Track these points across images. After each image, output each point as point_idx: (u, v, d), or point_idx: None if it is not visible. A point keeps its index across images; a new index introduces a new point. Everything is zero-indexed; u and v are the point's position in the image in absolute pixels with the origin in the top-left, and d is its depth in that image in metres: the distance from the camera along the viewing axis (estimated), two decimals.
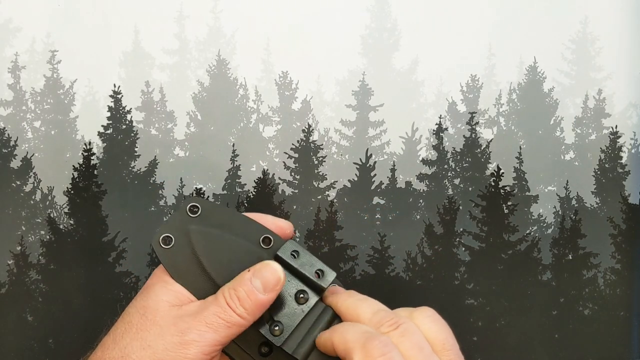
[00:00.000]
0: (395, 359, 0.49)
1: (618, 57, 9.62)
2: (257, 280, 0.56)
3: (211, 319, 0.54)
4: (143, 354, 0.53)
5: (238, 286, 0.56)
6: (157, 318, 0.54)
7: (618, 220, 12.28)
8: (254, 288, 0.55)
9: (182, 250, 0.59)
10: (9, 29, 15.64)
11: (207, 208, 0.61)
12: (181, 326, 0.54)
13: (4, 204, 9.49)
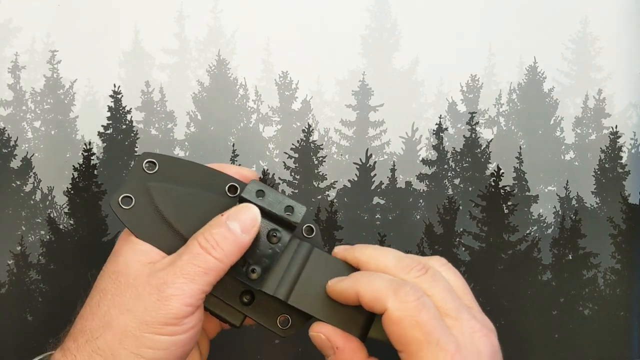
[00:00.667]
0: (427, 302, 0.48)
1: (618, 57, 9.74)
2: (234, 222, 0.54)
3: (187, 269, 0.51)
4: (124, 319, 0.50)
5: (213, 229, 0.53)
6: (130, 280, 0.52)
7: (618, 220, 12.32)
8: (232, 229, 0.53)
9: (144, 208, 0.56)
10: (9, 29, 15.69)
11: (165, 162, 0.58)
12: (156, 283, 0.51)
13: (4, 204, 9.50)
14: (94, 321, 0.51)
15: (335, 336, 0.53)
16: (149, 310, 0.50)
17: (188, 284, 0.50)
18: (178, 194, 0.56)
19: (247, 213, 0.54)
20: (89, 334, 0.51)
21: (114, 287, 0.51)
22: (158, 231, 0.55)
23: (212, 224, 0.53)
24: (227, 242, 0.52)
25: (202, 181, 0.57)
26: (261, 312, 0.57)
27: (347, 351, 0.53)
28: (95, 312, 0.51)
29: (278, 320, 0.57)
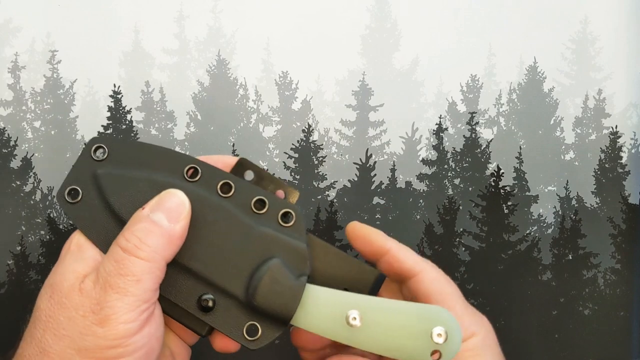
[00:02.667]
0: None
1: (618, 57, 9.59)
2: (156, 212, 0.47)
3: (114, 281, 0.44)
4: (60, 345, 0.44)
5: (133, 226, 0.46)
6: (63, 299, 0.45)
7: (618, 220, 12.33)
8: (155, 221, 0.46)
9: (91, 201, 0.49)
10: (9, 29, 15.60)
11: (116, 147, 0.50)
12: (89, 303, 0.44)
13: (4, 204, 9.52)
14: (30, 346, 0.45)
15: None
16: (86, 335, 0.44)
17: (121, 299, 0.44)
18: (130, 183, 0.49)
19: (171, 199, 0.47)
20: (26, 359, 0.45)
21: (48, 306, 0.45)
22: (107, 228, 0.48)
23: (131, 220, 0.46)
24: (154, 237, 0.45)
25: (158, 165, 0.50)
26: (223, 319, 0.47)
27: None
28: (32, 336, 0.45)
29: (244, 329, 0.47)
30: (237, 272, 0.47)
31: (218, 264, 0.47)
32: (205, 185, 0.49)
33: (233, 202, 0.49)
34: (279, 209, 0.49)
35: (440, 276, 0.54)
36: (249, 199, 0.49)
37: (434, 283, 0.53)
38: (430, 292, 0.53)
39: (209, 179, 0.49)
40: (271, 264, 0.47)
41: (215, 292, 0.47)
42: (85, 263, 0.47)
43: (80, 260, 0.47)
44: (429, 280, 0.53)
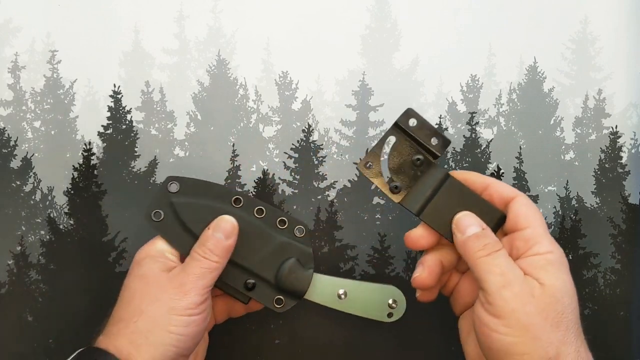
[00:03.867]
0: None
1: (618, 57, 9.63)
2: (218, 232, 0.71)
3: (196, 271, 0.69)
4: (154, 307, 0.66)
5: (205, 242, 0.71)
6: (155, 281, 0.67)
7: (618, 220, 12.30)
8: (218, 238, 0.71)
9: (170, 220, 0.73)
10: (9, 29, 15.56)
11: (185, 183, 0.76)
12: (176, 283, 0.67)
13: (4, 204, 9.46)
14: (128, 311, 0.66)
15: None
16: (174, 300, 0.66)
17: (199, 280, 0.68)
18: (196, 207, 0.74)
19: (226, 224, 0.72)
20: (126, 321, 0.65)
21: (142, 286, 0.67)
22: (182, 239, 0.73)
23: (202, 238, 0.71)
24: (217, 250, 0.70)
25: (214, 196, 0.75)
26: (261, 295, 0.75)
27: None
28: (129, 305, 0.67)
29: (274, 300, 0.75)
30: (269, 266, 0.74)
31: (257, 261, 0.74)
32: (246, 210, 0.74)
33: (264, 221, 0.75)
34: (294, 225, 0.76)
35: (529, 203, 0.67)
36: (275, 219, 0.75)
37: (524, 207, 0.66)
38: (520, 215, 0.65)
39: (248, 206, 0.74)
40: (290, 261, 0.75)
41: (255, 278, 0.75)
42: (163, 264, 0.70)
43: (159, 263, 0.70)
44: (520, 204, 0.66)
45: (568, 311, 0.61)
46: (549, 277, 0.62)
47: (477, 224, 0.66)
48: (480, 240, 0.64)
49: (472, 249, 0.64)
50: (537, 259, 0.63)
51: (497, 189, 0.68)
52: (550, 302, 0.61)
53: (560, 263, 0.63)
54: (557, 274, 0.62)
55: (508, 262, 0.63)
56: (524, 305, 0.60)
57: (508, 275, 0.61)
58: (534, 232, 0.65)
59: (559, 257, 0.64)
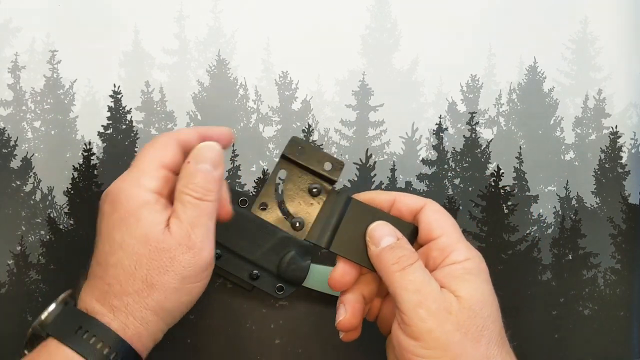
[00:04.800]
0: None
1: (618, 57, 9.60)
2: (203, 163, 0.60)
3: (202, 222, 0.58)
4: (166, 278, 0.58)
5: (195, 179, 0.59)
6: (161, 245, 0.58)
7: (618, 220, 12.31)
8: (204, 170, 0.60)
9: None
10: (9, 29, 15.55)
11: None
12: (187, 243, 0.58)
13: (4, 204, 9.46)
14: (135, 283, 0.57)
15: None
16: (186, 267, 0.58)
17: (208, 234, 0.59)
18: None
19: (209, 150, 0.61)
20: (135, 295, 0.57)
21: (147, 252, 0.57)
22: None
23: (186, 174, 0.60)
24: (212, 183, 0.59)
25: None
26: (264, 283, 0.80)
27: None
28: (134, 276, 0.57)
29: (276, 288, 0.80)
30: (271, 258, 0.80)
31: (261, 254, 0.80)
32: (250, 207, 0.71)
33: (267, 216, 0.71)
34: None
35: (439, 209, 0.63)
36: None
37: (434, 215, 0.62)
38: (432, 223, 0.62)
39: (252, 204, 0.69)
40: (290, 253, 0.81)
41: (259, 269, 0.81)
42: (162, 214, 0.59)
43: (158, 214, 0.58)
44: (429, 211, 0.63)
45: (489, 323, 0.58)
46: (467, 289, 0.58)
47: (392, 234, 0.61)
48: (395, 252, 0.60)
49: (387, 263, 0.60)
50: (454, 268, 0.59)
51: (404, 202, 0.64)
52: (469, 317, 0.57)
53: (479, 270, 0.60)
54: (475, 284, 0.59)
55: (424, 276, 0.59)
56: (442, 323, 0.56)
57: (423, 291, 0.57)
58: (449, 240, 0.61)
59: (477, 264, 0.60)
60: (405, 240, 0.61)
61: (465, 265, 0.59)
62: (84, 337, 0.55)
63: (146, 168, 0.60)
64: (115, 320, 0.57)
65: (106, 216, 0.60)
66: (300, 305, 0.83)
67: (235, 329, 0.90)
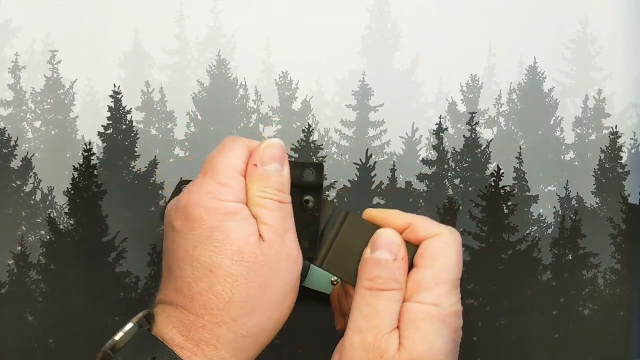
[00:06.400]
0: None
1: (618, 57, 9.67)
2: (273, 163, 0.54)
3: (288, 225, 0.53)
4: (267, 297, 0.51)
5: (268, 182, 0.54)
6: (259, 258, 0.51)
7: (618, 220, 12.21)
8: (277, 170, 0.54)
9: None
10: (9, 29, 15.58)
11: None
12: (285, 251, 0.52)
13: (4, 204, 9.47)
14: (232, 311, 0.49)
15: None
16: (289, 278, 0.52)
17: (295, 238, 0.53)
18: None
19: (275, 149, 0.54)
20: (232, 324, 0.50)
21: (244, 270, 0.50)
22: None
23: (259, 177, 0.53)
24: (285, 183, 0.54)
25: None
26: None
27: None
28: (232, 302, 0.50)
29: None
30: None
31: None
32: None
33: None
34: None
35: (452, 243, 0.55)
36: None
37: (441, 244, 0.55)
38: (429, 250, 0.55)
39: None
40: None
41: None
42: (252, 225, 0.52)
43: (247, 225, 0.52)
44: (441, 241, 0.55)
45: None
46: (415, 338, 0.51)
47: (393, 250, 0.54)
48: (378, 270, 0.54)
49: (363, 274, 0.54)
50: (416, 307, 0.52)
51: (421, 226, 0.56)
52: None
53: (441, 321, 0.52)
54: (428, 335, 0.51)
55: (388, 307, 0.53)
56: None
57: (372, 322, 0.51)
58: (431, 275, 0.53)
59: (442, 314, 0.52)
60: (401, 265, 0.54)
61: (428, 309, 0.52)
62: None
63: (222, 176, 0.53)
64: (199, 355, 0.49)
65: (181, 234, 0.52)
66: (300, 305, 0.83)
67: None
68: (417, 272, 0.54)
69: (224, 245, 0.50)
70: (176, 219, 0.52)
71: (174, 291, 0.51)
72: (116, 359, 0.49)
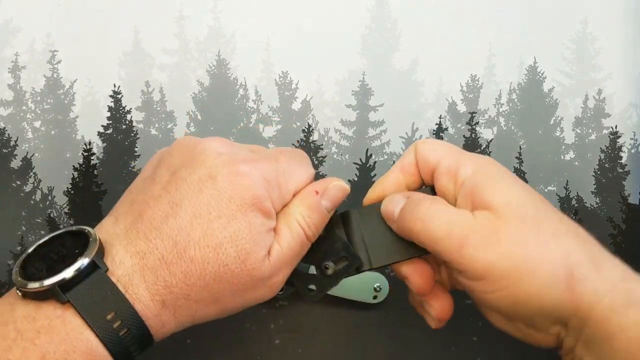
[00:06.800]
0: None
1: (618, 57, 9.65)
2: (328, 202, 0.53)
3: (291, 260, 0.51)
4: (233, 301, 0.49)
5: (314, 213, 0.52)
6: (254, 271, 0.48)
7: (618, 220, 12.29)
8: (326, 210, 0.53)
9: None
10: (9, 29, 15.55)
11: None
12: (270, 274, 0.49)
13: (4, 204, 9.47)
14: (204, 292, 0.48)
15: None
16: (259, 297, 0.51)
17: (290, 269, 0.52)
18: None
19: (340, 193, 0.54)
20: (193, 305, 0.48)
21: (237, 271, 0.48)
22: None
23: (309, 204, 0.52)
24: (321, 222, 0.53)
25: None
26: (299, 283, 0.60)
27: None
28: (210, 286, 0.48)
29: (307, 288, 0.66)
30: None
31: None
32: None
33: None
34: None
35: (429, 141, 0.55)
36: None
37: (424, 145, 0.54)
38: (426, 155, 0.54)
39: None
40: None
41: None
42: (271, 237, 0.49)
43: (270, 237, 0.49)
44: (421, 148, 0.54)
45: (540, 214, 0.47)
46: (496, 195, 0.48)
47: (399, 199, 0.53)
48: (409, 206, 0.51)
49: (405, 221, 0.51)
50: (467, 182, 0.49)
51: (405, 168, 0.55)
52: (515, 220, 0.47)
53: (496, 170, 0.50)
54: (505, 186, 0.48)
55: (443, 207, 0.49)
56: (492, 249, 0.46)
57: (454, 223, 0.48)
58: (448, 160, 0.51)
59: (489, 166, 0.50)
60: (416, 193, 0.53)
61: (478, 171, 0.50)
62: (114, 326, 0.44)
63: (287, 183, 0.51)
64: (158, 318, 0.46)
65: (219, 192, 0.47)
66: (300, 305, 0.83)
67: (235, 329, 0.90)
68: (438, 173, 0.52)
69: (241, 238, 0.48)
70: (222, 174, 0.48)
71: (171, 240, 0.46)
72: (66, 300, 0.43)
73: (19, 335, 0.41)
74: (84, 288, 0.43)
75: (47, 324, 0.42)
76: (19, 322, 0.42)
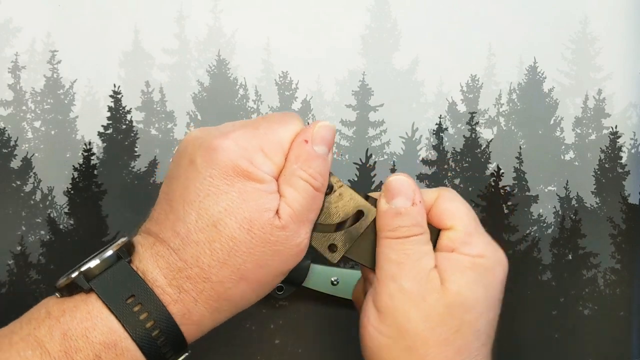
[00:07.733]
0: None
1: (618, 57, 9.58)
2: (322, 145, 0.51)
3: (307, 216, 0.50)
4: (261, 272, 0.49)
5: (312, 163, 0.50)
6: (267, 235, 0.48)
7: (618, 220, 12.26)
8: (324, 154, 0.52)
9: None
10: (9, 29, 15.46)
11: None
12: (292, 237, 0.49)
13: (4, 204, 9.41)
14: (222, 272, 0.47)
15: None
16: (287, 262, 0.50)
17: (307, 227, 0.51)
18: None
19: (328, 132, 0.52)
20: (218, 285, 0.48)
21: (248, 239, 0.48)
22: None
23: (303, 156, 0.50)
24: (327, 171, 0.52)
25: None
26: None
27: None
28: (227, 262, 0.47)
29: (276, 288, 0.71)
30: None
31: None
32: None
33: None
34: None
35: (454, 198, 0.54)
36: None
37: (447, 203, 0.53)
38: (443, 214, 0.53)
39: None
40: None
41: None
42: (274, 199, 0.49)
43: (269, 199, 0.49)
44: (443, 201, 0.54)
45: (468, 331, 0.50)
46: (461, 284, 0.50)
47: (409, 195, 0.52)
48: (399, 220, 0.52)
49: (384, 226, 0.52)
50: (462, 258, 0.51)
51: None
52: (444, 314, 0.49)
53: (489, 271, 0.51)
54: (474, 284, 0.50)
55: (417, 250, 0.51)
56: (409, 307, 0.49)
57: (406, 266, 0.50)
58: (462, 232, 0.52)
59: (490, 264, 0.52)
60: (419, 209, 0.52)
61: (476, 260, 0.51)
62: (134, 309, 0.46)
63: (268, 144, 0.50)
64: (179, 304, 0.47)
65: (199, 175, 0.48)
66: (300, 305, 0.83)
67: (235, 329, 0.91)
68: (446, 233, 0.53)
69: (237, 208, 0.48)
70: (198, 155, 0.49)
71: (172, 231, 0.49)
72: (89, 287, 0.46)
73: (48, 316, 0.46)
74: (106, 275, 0.47)
75: (73, 305, 0.46)
76: (50, 306, 0.47)
